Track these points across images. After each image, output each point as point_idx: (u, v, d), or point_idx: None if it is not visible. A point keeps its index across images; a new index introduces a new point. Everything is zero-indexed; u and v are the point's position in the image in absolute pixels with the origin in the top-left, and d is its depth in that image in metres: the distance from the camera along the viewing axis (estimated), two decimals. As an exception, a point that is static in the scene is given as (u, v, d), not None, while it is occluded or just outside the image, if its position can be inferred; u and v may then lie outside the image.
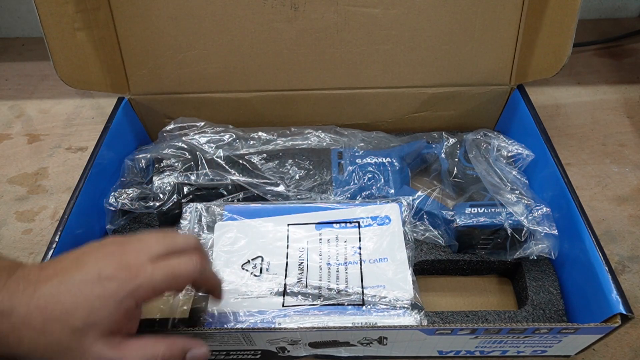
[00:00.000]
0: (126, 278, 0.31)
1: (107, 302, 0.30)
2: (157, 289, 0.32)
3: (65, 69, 0.51)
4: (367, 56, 0.55)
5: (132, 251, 0.32)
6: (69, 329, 0.29)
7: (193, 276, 0.33)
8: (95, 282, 0.30)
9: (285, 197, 0.50)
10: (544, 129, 0.52)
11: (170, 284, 0.32)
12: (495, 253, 0.47)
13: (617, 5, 0.84)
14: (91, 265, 0.31)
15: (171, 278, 0.32)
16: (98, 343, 0.30)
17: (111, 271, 0.31)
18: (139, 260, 0.32)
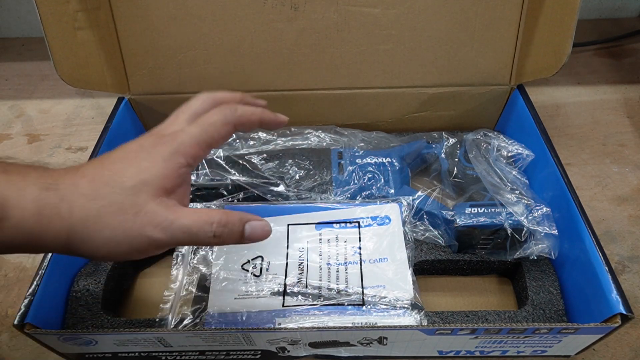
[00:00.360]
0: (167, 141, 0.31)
1: (155, 160, 0.30)
2: (200, 141, 0.31)
3: (65, 68, 0.51)
4: (367, 56, 0.55)
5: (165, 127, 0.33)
6: (119, 189, 0.29)
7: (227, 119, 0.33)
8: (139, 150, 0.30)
9: (285, 197, 0.50)
10: (544, 129, 0.52)
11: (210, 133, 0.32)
12: (495, 253, 0.47)
13: (617, 5, 0.84)
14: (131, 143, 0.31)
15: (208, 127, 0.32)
16: (152, 202, 0.29)
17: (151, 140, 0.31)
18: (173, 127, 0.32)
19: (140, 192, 0.29)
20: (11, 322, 0.39)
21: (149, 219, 0.29)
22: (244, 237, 0.31)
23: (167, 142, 0.31)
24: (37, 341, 0.39)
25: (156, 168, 0.30)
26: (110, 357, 0.42)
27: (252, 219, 0.31)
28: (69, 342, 0.38)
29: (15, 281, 0.51)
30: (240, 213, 0.31)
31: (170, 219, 0.29)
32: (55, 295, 0.43)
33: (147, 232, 0.28)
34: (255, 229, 0.31)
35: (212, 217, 0.30)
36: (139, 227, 0.28)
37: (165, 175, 0.30)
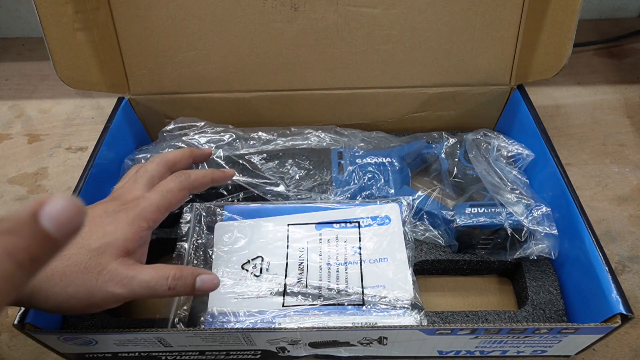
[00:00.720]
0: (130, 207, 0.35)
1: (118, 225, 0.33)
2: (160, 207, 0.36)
3: (65, 69, 0.51)
4: (367, 56, 0.55)
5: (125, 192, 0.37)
6: (86, 250, 0.32)
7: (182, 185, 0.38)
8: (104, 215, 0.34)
9: (285, 197, 0.50)
10: (544, 129, 0.52)
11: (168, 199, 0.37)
12: (495, 253, 0.47)
13: (617, 5, 0.84)
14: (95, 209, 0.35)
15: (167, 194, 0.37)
16: (114, 262, 0.32)
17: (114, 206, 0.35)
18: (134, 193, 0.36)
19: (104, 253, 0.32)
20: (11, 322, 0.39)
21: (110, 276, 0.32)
22: (194, 289, 0.35)
23: (130, 208, 0.34)
24: (37, 341, 0.39)
25: (120, 232, 0.33)
26: (110, 357, 0.42)
27: (203, 273, 0.36)
28: (69, 342, 0.38)
29: (15, 281, 0.51)
30: (192, 268, 0.36)
31: (130, 276, 0.32)
32: (55, 296, 0.43)
33: (108, 288, 0.32)
34: (205, 282, 0.35)
35: (167, 272, 0.34)
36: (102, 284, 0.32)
37: (127, 238, 0.33)
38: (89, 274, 0.32)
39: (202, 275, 0.36)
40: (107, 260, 0.32)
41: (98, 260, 0.32)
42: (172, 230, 0.49)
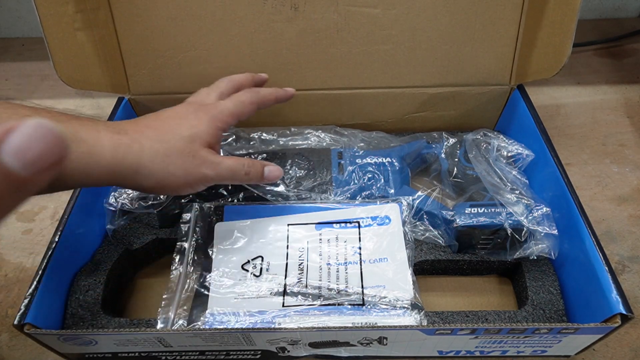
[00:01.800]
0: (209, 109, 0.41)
1: (202, 121, 0.39)
2: (233, 113, 0.42)
3: (65, 69, 0.51)
4: (367, 56, 0.55)
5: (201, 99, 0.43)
6: (180, 136, 0.37)
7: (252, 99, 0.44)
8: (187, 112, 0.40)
9: (285, 197, 0.50)
10: (544, 129, 0.52)
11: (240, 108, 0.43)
12: (495, 253, 0.47)
13: (617, 5, 0.84)
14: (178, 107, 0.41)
15: (239, 104, 0.43)
16: (203, 150, 0.38)
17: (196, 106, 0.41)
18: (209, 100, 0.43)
19: (194, 141, 0.38)
20: (11, 322, 0.39)
21: (202, 160, 0.38)
22: (263, 176, 0.42)
23: (209, 110, 0.40)
24: (37, 341, 0.39)
25: (203, 126, 0.39)
26: (110, 357, 0.42)
27: (269, 165, 0.43)
28: (69, 342, 0.39)
29: (15, 281, 0.51)
30: (262, 161, 0.43)
31: (218, 161, 0.39)
32: (55, 295, 0.43)
33: (201, 169, 0.38)
34: (272, 171, 0.43)
35: (243, 160, 0.41)
36: (196, 165, 0.37)
37: (209, 133, 0.39)
38: (186, 157, 0.37)
39: (269, 166, 0.42)
40: (198, 147, 0.38)
41: (191, 147, 0.37)
42: (172, 230, 0.49)
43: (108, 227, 0.49)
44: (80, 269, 0.46)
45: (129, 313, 0.48)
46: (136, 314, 0.47)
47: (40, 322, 0.38)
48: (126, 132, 0.36)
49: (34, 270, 0.41)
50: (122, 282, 0.49)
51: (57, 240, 0.43)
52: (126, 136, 0.35)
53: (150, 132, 0.37)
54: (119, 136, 0.35)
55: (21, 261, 0.53)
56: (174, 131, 0.37)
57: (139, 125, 0.37)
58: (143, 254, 0.50)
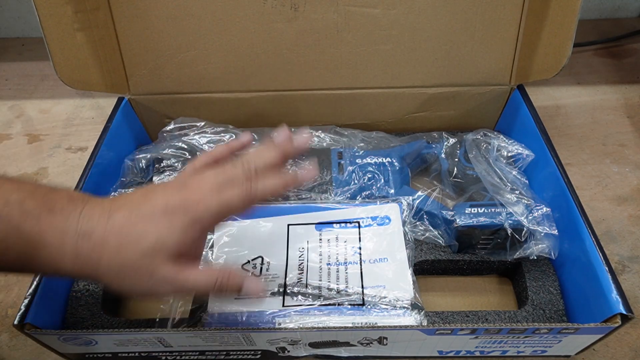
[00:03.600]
0: (191, 208, 0.35)
1: (173, 230, 0.34)
2: (216, 217, 0.35)
3: (65, 69, 0.51)
4: (367, 56, 0.55)
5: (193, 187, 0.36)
6: (139, 252, 0.33)
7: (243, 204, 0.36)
8: (163, 213, 0.34)
9: (285, 197, 0.50)
10: (544, 129, 0.52)
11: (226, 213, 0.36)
12: (495, 253, 0.47)
13: (617, 5, 0.84)
14: (159, 199, 0.35)
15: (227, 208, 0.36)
16: (165, 265, 0.34)
17: (176, 204, 0.34)
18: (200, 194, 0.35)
19: (155, 257, 0.33)
20: (11, 322, 0.39)
21: (161, 279, 0.34)
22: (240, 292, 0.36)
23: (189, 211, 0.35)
24: (37, 341, 0.39)
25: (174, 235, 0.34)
26: (110, 357, 0.42)
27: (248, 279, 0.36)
28: (69, 342, 0.39)
29: (15, 281, 0.51)
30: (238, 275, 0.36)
31: (181, 280, 0.34)
32: (55, 295, 0.43)
33: (159, 289, 0.34)
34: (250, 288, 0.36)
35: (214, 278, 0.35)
36: (152, 285, 0.34)
37: (181, 242, 0.34)
38: (141, 275, 0.34)
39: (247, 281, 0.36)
40: (158, 264, 0.33)
41: (149, 264, 0.33)
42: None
43: (108, 227, 0.49)
44: (80, 269, 0.46)
45: (129, 313, 0.48)
46: (136, 314, 0.47)
47: (40, 322, 0.38)
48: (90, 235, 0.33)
49: (34, 270, 0.41)
50: (122, 282, 0.49)
51: (57, 240, 0.43)
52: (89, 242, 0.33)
53: (113, 241, 0.33)
54: (82, 242, 0.33)
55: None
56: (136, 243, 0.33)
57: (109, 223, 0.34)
58: (143, 254, 0.49)
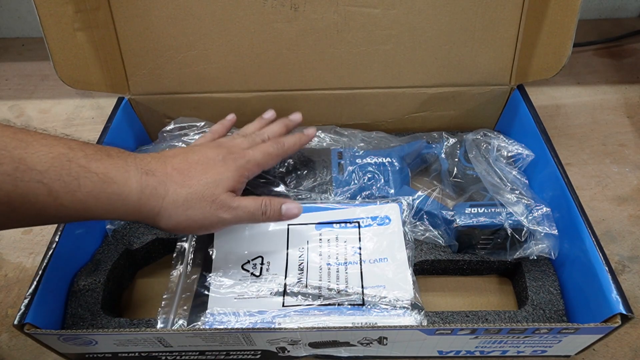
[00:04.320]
0: (238, 157, 0.43)
1: (229, 170, 0.41)
2: (259, 164, 0.44)
3: (65, 69, 0.51)
4: (367, 56, 0.55)
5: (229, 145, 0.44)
6: (204, 182, 0.39)
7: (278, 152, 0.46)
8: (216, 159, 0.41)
9: (285, 197, 0.50)
10: (544, 129, 0.52)
11: (266, 160, 0.45)
12: (495, 253, 0.47)
13: (617, 5, 0.84)
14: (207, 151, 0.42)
15: (267, 155, 0.45)
16: (224, 194, 0.40)
17: (225, 154, 0.42)
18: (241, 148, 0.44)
19: (217, 186, 0.40)
20: (11, 322, 0.39)
21: (221, 204, 0.39)
22: (281, 215, 0.43)
23: (237, 158, 0.43)
24: (37, 341, 0.39)
25: (229, 173, 0.41)
26: (110, 357, 0.42)
27: (288, 202, 0.43)
28: (69, 342, 0.39)
29: (15, 281, 0.51)
30: (279, 198, 0.43)
31: (236, 205, 0.40)
32: (55, 295, 0.43)
33: (219, 214, 0.39)
34: (290, 209, 0.43)
35: (261, 200, 0.42)
36: (214, 210, 0.39)
37: (234, 179, 0.41)
38: (205, 201, 0.39)
39: (287, 203, 0.43)
40: (219, 192, 0.40)
41: (212, 191, 0.39)
42: None
43: (108, 227, 0.49)
44: (80, 269, 0.46)
45: (129, 313, 0.48)
46: (136, 314, 0.47)
47: (40, 322, 0.38)
48: (154, 173, 0.38)
49: (34, 270, 0.41)
50: (122, 282, 0.49)
51: (57, 240, 0.43)
52: (153, 178, 0.37)
53: (177, 176, 0.39)
54: (146, 177, 0.37)
55: (21, 261, 0.53)
56: (200, 177, 0.39)
57: (167, 165, 0.39)
58: (143, 254, 0.49)
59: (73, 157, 0.34)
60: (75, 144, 0.35)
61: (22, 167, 0.32)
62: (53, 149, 0.33)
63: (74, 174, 0.33)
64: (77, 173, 0.34)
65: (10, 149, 0.32)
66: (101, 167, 0.35)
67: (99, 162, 0.35)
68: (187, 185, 0.38)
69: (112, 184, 0.35)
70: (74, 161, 0.34)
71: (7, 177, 0.31)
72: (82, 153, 0.35)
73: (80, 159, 0.34)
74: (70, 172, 0.33)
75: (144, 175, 0.37)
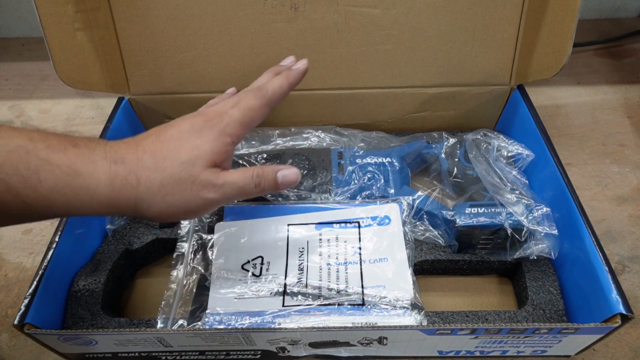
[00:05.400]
0: (215, 122, 0.37)
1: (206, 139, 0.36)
2: (242, 123, 0.37)
3: (65, 69, 0.51)
4: (367, 56, 0.55)
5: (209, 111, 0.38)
6: (178, 162, 0.34)
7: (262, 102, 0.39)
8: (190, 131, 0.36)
9: (285, 197, 0.50)
10: (544, 129, 0.52)
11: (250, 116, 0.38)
12: (495, 253, 0.47)
13: (617, 5, 0.84)
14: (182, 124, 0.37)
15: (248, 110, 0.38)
16: (204, 172, 0.35)
17: (201, 123, 0.37)
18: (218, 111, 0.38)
19: (194, 165, 0.35)
20: (11, 322, 0.39)
21: (203, 184, 0.35)
22: (278, 183, 0.38)
23: (214, 125, 0.36)
24: (37, 341, 0.39)
25: (207, 145, 0.35)
26: (110, 357, 0.42)
27: (283, 169, 0.38)
28: (69, 342, 0.39)
29: (15, 281, 0.51)
30: (272, 165, 0.38)
31: (221, 181, 0.35)
32: (55, 295, 0.43)
33: (202, 195, 0.35)
34: (286, 176, 0.38)
35: (251, 172, 0.37)
36: (195, 192, 0.35)
37: (215, 151, 0.36)
38: (183, 184, 0.34)
39: (282, 170, 0.38)
40: (198, 171, 0.35)
41: (190, 171, 0.34)
42: (172, 230, 0.49)
43: (108, 227, 0.49)
44: (80, 269, 0.46)
45: (129, 313, 0.48)
46: (136, 314, 0.47)
47: (40, 322, 0.38)
48: (123, 161, 0.34)
49: (34, 270, 0.41)
50: (122, 282, 0.49)
51: (57, 240, 0.43)
52: (123, 166, 0.33)
53: (148, 160, 0.34)
54: (115, 167, 0.33)
55: (21, 261, 0.53)
56: (173, 157, 0.35)
57: (138, 150, 0.35)
58: (143, 254, 0.49)
59: (32, 149, 0.31)
60: (37, 135, 0.32)
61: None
62: (10, 140, 0.31)
63: (32, 168, 0.31)
64: (37, 166, 0.31)
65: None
66: (64, 158, 0.32)
67: (61, 152, 0.32)
68: (161, 168, 0.34)
69: (77, 177, 0.32)
70: (32, 153, 0.31)
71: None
72: (44, 144, 0.32)
73: (41, 150, 0.31)
74: (28, 165, 0.30)
75: (112, 164, 0.33)
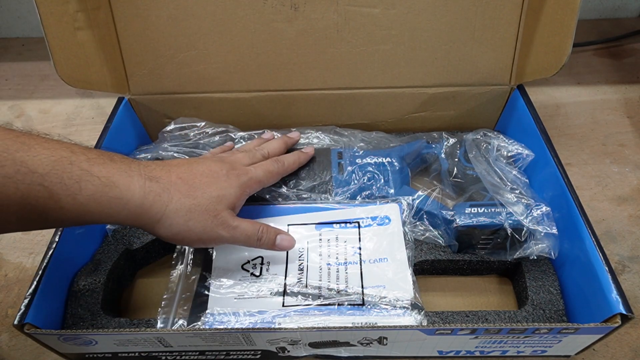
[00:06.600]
0: (241, 174, 0.43)
1: (232, 186, 0.42)
2: (260, 181, 0.45)
3: (65, 68, 0.51)
4: (367, 56, 0.55)
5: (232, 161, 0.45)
6: (208, 196, 0.39)
7: (279, 171, 0.48)
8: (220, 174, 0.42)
9: (285, 197, 0.50)
10: (544, 129, 0.52)
11: (268, 178, 0.46)
12: (495, 253, 0.47)
13: (617, 5, 0.84)
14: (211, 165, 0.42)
15: (268, 174, 0.46)
16: (225, 211, 0.40)
17: (228, 169, 0.43)
18: (242, 163, 0.45)
19: (220, 202, 0.40)
20: (11, 322, 0.39)
21: (221, 221, 0.40)
22: (275, 244, 0.43)
23: (241, 175, 0.43)
24: (37, 341, 0.39)
25: (232, 190, 0.41)
26: (110, 357, 0.42)
27: (282, 233, 0.44)
28: (69, 342, 0.39)
29: (15, 281, 0.51)
30: (275, 228, 0.44)
31: (235, 225, 0.40)
32: (55, 295, 0.43)
33: (218, 230, 0.39)
34: (284, 240, 0.44)
35: (258, 226, 0.42)
36: (215, 225, 0.39)
37: (236, 196, 0.42)
38: (207, 215, 0.39)
39: (282, 234, 0.44)
40: (221, 208, 0.40)
41: (215, 206, 0.39)
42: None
43: (108, 227, 0.49)
44: (80, 269, 0.46)
45: (129, 313, 0.48)
46: (136, 314, 0.47)
47: (40, 322, 0.38)
48: (158, 179, 0.38)
49: (34, 270, 0.41)
50: (122, 282, 0.49)
51: (57, 240, 0.43)
52: (157, 184, 0.37)
53: (182, 185, 0.39)
54: (150, 183, 0.37)
55: (21, 261, 0.53)
56: (204, 189, 0.39)
57: (172, 174, 0.39)
58: (143, 254, 0.49)
59: (75, 160, 0.34)
60: (77, 148, 0.35)
61: (23, 169, 0.32)
62: (55, 152, 0.34)
63: (75, 177, 0.33)
64: (79, 176, 0.34)
65: (12, 151, 0.32)
66: (103, 170, 0.35)
67: (101, 165, 0.35)
68: (192, 196, 0.38)
69: (114, 188, 0.35)
70: (75, 164, 0.34)
71: (8, 180, 0.31)
72: (85, 157, 0.35)
73: (83, 162, 0.34)
74: (71, 175, 0.33)
75: (147, 181, 0.37)
